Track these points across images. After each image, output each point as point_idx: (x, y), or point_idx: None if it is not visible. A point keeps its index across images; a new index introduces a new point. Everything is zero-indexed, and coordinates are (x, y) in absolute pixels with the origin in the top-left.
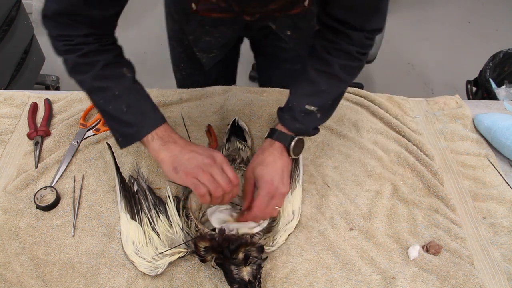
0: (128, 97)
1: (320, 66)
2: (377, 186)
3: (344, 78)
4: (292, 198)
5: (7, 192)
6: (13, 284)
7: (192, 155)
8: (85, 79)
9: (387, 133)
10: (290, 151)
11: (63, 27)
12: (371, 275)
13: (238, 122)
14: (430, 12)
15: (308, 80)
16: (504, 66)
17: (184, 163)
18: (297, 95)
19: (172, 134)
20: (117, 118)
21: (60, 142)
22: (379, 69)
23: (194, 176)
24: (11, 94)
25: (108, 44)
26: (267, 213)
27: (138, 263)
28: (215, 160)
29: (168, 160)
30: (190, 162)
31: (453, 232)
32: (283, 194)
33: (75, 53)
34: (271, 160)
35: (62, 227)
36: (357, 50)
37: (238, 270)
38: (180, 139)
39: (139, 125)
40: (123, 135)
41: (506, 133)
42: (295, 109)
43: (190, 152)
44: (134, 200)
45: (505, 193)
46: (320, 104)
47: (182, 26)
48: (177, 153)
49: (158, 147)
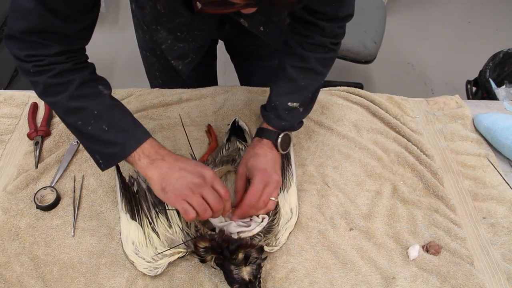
0: (108, 115)
1: (297, 62)
2: (377, 186)
3: (321, 71)
4: (288, 196)
5: (7, 192)
6: (13, 284)
7: (181, 174)
8: (59, 101)
9: (387, 133)
10: (278, 146)
11: (31, 47)
12: (371, 275)
13: (238, 122)
14: (430, 12)
15: (286, 78)
16: (504, 66)
17: (173, 183)
18: (278, 94)
19: (159, 150)
20: (98, 139)
21: (60, 142)
22: (379, 69)
23: (183, 198)
24: (11, 94)
25: (82, 62)
26: (262, 201)
27: (138, 263)
28: (205, 178)
29: (156, 178)
30: (179, 182)
31: (453, 232)
32: (276, 182)
33: (46, 74)
34: (262, 153)
35: (62, 227)
36: (330, 41)
37: (238, 270)
38: (168, 155)
39: (123, 143)
40: (105, 155)
41: (506, 133)
42: (279, 108)
43: (179, 170)
44: (134, 200)
45: (505, 193)
46: (302, 100)
47: (152, 36)
48: (166, 171)
49: (145, 165)
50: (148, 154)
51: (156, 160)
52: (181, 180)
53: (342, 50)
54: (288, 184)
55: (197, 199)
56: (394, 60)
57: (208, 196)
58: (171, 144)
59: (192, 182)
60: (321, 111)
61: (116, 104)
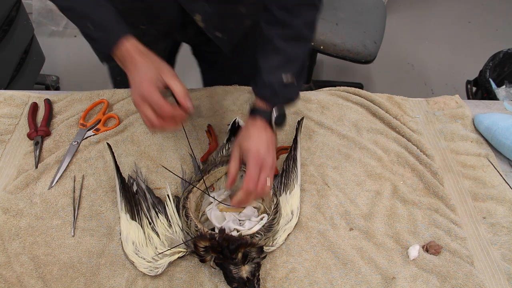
0: (91, 14)
1: (284, 31)
2: (377, 186)
3: (309, 35)
4: (290, 198)
5: (7, 192)
6: (13, 284)
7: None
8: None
9: (387, 133)
10: (273, 125)
11: None
12: (371, 275)
13: (239, 122)
14: (430, 12)
15: (275, 50)
16: (504, 66)
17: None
18: (270, 70)
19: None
20: (88, 36)
21: (60, 142)
22: (379, 69)
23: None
24: (11, 94)
25: None
26: (260, 186)
27: (138, 263)
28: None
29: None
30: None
31: (453, 232)
32: (270, 166)
33: None
34: (256, 134)
35: (62, 227)
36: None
37: (237, 269)
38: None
39: (105, 41)
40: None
41: (506, 133)
42: (274, 84)
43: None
44: (134, 200)
45: (505, 193)
46: (294, 71)
47: None
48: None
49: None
50: (120, 59)
51: (125, 67)
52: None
53: (342, 50)
54: (292, 186)
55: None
56: (394, 60)
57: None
58: (172, 144)
59: (133, 101)
60: (321, 111)
61: (99, 4)
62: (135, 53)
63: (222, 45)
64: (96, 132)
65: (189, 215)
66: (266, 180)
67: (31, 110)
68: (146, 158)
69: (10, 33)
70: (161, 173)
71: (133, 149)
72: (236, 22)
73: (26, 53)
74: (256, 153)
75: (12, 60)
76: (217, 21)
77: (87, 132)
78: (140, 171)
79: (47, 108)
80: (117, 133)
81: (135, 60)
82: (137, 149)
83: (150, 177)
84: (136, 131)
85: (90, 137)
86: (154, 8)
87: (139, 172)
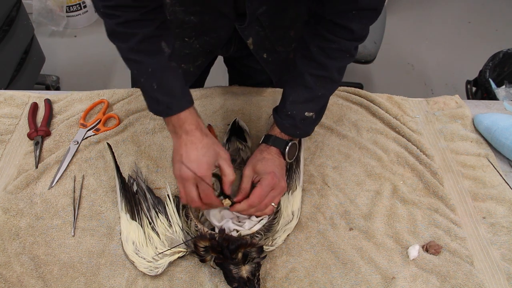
0: (160, 76)
1: (316, 70)
2: (377, 186)
3: (338, 79)
4: (292, 198)
5: (7, 192)
6: (14, 284)
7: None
8: (120, 48)
9: (387, 133)
10: (286, 155)
11: None
12: (371, 275)
13: (239, 122)
14: (430, 12)
15: (304, 86)
16: (504, 66)
17: (174, 165)
18: (295, 103)
19: (184, 125)
20: (147, 92)
21: (60, 142)
22: (379, 69)
23: (176, 180)
24: (11, 94)
25: (151, 10)
26: (264, 204)
27: (138, 263)
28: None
29: (173, 149)
30: (177, 167)
31: (453, 232)
32: (282, 188)
33: (113, 20)
34: (270, 158)
35: (62, 227)
36: (356, 46)
37: (237, 269)
38: (187, 134)
39: (165, 105)
40: (151, 106)
41: (506, 133)
42: (296, 117)
43: (180, 156)
44: (134, 200)
45: (505, 193)
46: (318, 109)
47: None
48: (176, 149)
49: (170, 132)
50: (174, 125)
51: (176, 134)
52: (178, 166)
53: None
54: (294, 187)
55: (181, 187)
56: (394, 60)
57: (191, 193)
58: (172, 144)
59: (180, 174)
60: None
61: (170, 66)
62: (196, 127)
63: (266, 65)
64: (96, 132)
65: (189, 215)
66: (272, 200)
67: (31, 110)
68: (146, 158)
69: (10, 33)
70: (161, 173)
71: (133, 149)
72: (284, 45)
73: (26, 53)
74: (272, 173)
75: (12, 60)
76: (267, 44)
77: (87, 132)
78: (140, 171)
79: (47, 108)
80: (117, 133)
81: (195, 135)
82: (137, 149)
83: (150, 177)
84: (136, 131)
85: (90, 137)
86: (207, 24)
87: (139, 172)
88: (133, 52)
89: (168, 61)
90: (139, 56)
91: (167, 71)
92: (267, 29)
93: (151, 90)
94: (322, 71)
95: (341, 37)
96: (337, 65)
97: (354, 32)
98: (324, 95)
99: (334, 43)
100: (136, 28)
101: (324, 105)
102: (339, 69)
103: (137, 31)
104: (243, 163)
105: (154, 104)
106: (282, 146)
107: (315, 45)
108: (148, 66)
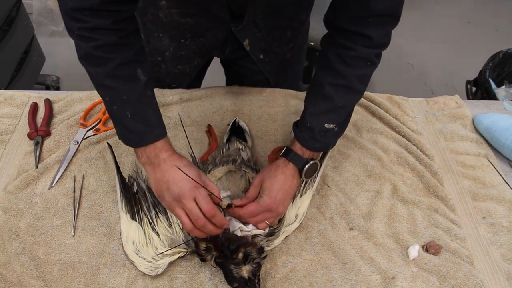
0: (135, 104)
1: (335, 79)
2: (377, 186)
3: (360, 89)
4: (300, 202)
5: (7, 192)
6: (14, 284)
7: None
8: (95, 72)
9: (387, 133)
10: (303, 173)
11: None
12: (371, 275)
13: (239, 122)
14: (430, 12)
15: (323, 96)
16: (504, 66)
17: (164, 195)
18: (314, 114)
19: (160, 154)
20: (119, 120)
21: (60, 142)
22: (379, 69)
23: (172, 210)
24: (12, 94)
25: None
26: (255, 220)
27: (138, 263)
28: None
29: (152, 183)
30: (168, 194)
31: (453, 232)
32: (278, 214)
33: (90, 43)
34: (282, 179)
35: (62, 227)
36: (376, 53)
37: (237, 269)
38: (165, 161)
39: (138, 134)
40: (122, 135)
41: (505, 133)
42: (315, 129)
43: (166, 183)
44: (135, 200)
45: (505, 193)
46: (339, 121)
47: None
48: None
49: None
50: (149, 155)
51: (153, 164)
52: (168, 193)
53: None
54: (305, 190)
55: (181, 212)
56: (394, 60)
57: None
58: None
59: (173, 197)
60: None
61: (146, 95)
62: (172, 152)
63: (263, 65)
64: (96, 132)
65: None
66: (264, 219)
67: (31, 110)
68: None
69: (10, 33)
70: None
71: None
72: (281, 46)
73: (26, 53)
74: (273, 198)
75: (12, 60)
76: (264, 44)
77: (87, 132)
78: (140, 171)
79: (47, 108)
80: None
81: (173, 158)
82: None
83: None
84: None
85: (90, 137)
86: (202, 26)
87: (140, 172)
88: (109, 77)
89: (144, 89)
90: (114, 82)
91: (142, 99)
92: (263, 30)
93: (124, 118)
94: (341, 79)
95: (359, 44)
96: (356, 73)
97: (373, 39)
98: (344, 106)
99: (352, 50)
100: (114, 53)
101: (346, 118)
102: (360, 78)
103: (115, 56)
104: (243, 164)
105: (125, 132)
106: (300, 164)
107: (334, 53)
108: (123, 93)
